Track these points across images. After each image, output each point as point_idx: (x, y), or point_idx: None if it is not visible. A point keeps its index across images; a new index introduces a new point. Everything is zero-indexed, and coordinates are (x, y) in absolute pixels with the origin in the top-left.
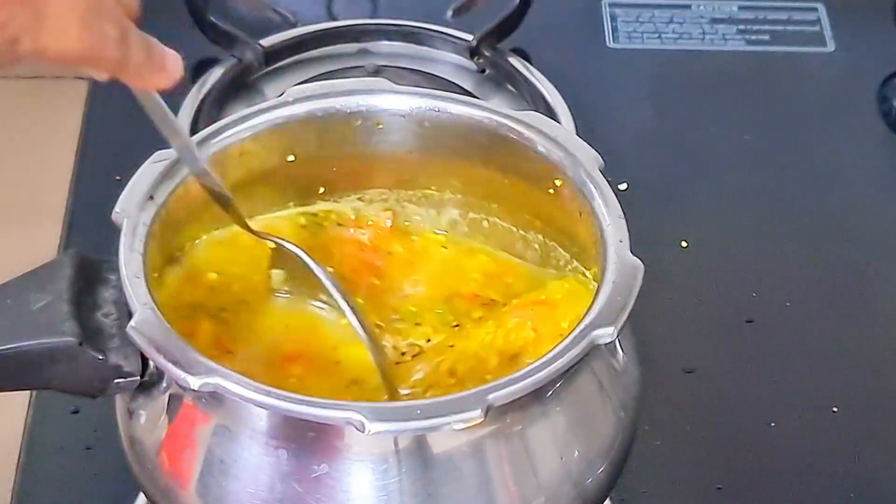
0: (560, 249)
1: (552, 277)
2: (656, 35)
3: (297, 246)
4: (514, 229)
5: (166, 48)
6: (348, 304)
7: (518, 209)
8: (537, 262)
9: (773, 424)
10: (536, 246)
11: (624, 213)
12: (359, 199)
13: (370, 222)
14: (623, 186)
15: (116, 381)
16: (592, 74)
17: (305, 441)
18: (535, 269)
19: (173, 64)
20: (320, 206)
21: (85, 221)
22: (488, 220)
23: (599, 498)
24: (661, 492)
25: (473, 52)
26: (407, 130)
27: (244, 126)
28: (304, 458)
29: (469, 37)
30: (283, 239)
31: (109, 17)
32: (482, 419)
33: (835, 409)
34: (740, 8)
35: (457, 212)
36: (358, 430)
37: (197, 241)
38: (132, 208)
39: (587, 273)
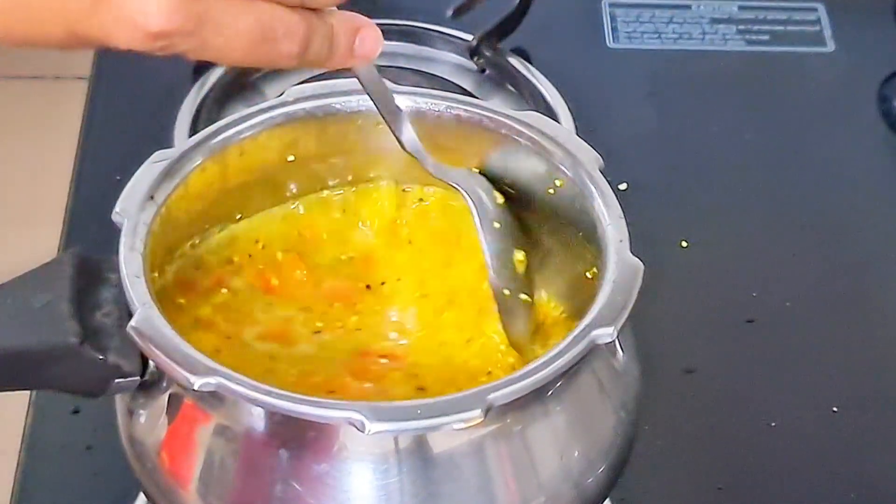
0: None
1: None
2: (656, 35)
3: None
4: None
5: (363, 28)
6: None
7: (516, 209)
8: None
9: (773, 424)
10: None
11: (624, 213)
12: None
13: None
14: (623, 186)
15: (117, 380)
16: (592, 74)
17: (306, 441)
18: None
19: (367, 45)
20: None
21: (85, 221)
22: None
23: (599, 498)
24: (661, 492)
25: (473, 52)
26: None
27: (244, 126)
28: (305, 458)
29: (469, 37)
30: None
31: (284, 36)
32: (482, 419)
33: (835, 409)
34: (740, 8)
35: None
36: (358, 429)
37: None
38: (132, 208)
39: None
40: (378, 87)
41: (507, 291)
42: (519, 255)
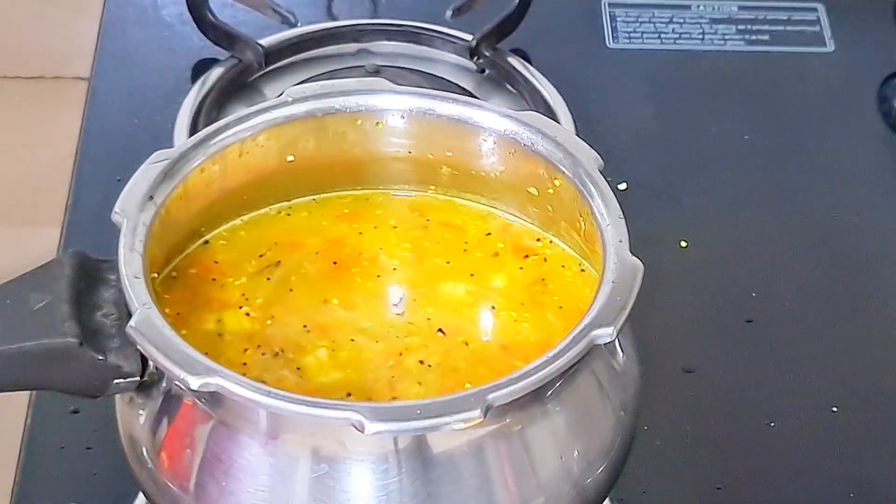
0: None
1: None
2: (656, 35)
3: None
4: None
5: None
6: None
7: (516, 209)
8: None
9: (773, 424)
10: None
11: (623, 213)
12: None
13: None
14: (623, 186)
15: (116, 381)
16: (592, 74)
17: (305, 441)
18: None
19: None
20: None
21: (85, 221)
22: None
23: (599, 498)
24: (661, 492)
25: (473, 53)
26: (406, 130)
27: (244, 126)
28: (304, 458)
29: (469, 37)
30: None
31: None
32: (482, 419)
33: (835, 409)
34: (740, 8)
35: None
36: (357, 430)
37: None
38: (132, 208)
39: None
40: None
41: None
42: None
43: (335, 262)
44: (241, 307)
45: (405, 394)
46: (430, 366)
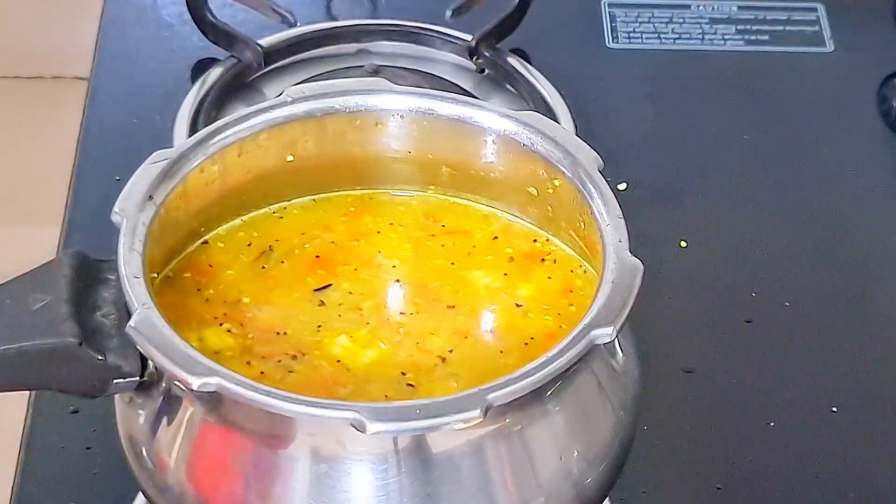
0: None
1: None
2: (656, 35)
3: None
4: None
5: None
6: None
7: (516, 209)
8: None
9: (772, 424)
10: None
11: (623, 213)
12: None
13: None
14: (622, 186)
15: (116, 381)
16: (592, 74)
17: (305, 441)
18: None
19: None
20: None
21: (85, 221)
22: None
23: (599, 498)
24: (661, 492)
25: (473, 53)
26: (406, 130)
27: (243, 126)
28: (304, 458)
29: (468, 37)
30: None
31: None
32: (482, 419)
33: (835, 409)
34: (740, 8)
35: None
36: (358, 430)
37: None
38: (131, 208)
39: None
40: None
41: None
42: None
43: (318, 256)
44: (221, 324)
45: (440, 347)
46: (416, 314)
